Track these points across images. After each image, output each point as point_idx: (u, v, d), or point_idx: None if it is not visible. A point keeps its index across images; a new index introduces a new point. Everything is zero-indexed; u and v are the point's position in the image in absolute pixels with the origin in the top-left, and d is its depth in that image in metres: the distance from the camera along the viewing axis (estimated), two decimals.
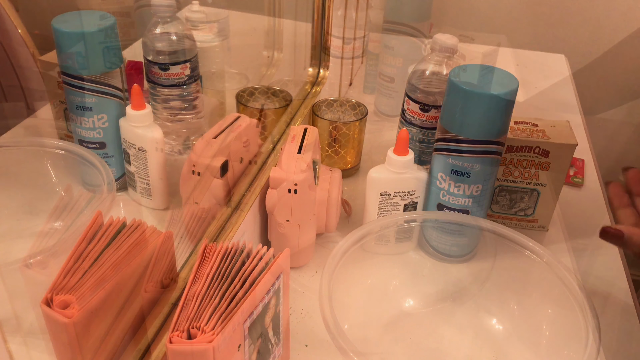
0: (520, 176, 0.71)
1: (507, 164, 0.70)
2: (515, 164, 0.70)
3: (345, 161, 0.82)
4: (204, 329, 0.40)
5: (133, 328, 0.47)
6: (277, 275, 0.47)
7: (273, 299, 0.47)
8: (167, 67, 0.68)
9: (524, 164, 0.70)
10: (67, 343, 0.41)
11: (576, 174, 0.88)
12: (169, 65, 0.69)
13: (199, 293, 0.43)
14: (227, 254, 0.47)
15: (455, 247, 0.66)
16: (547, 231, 0.74)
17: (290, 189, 0.61)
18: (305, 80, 0.87)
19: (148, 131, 0.61)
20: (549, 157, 0.69)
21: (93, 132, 0.62)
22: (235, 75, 0.90)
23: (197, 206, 0.63)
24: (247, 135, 0.66)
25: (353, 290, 0.59)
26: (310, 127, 0.67)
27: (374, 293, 0.63)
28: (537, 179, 0.71)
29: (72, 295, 0.41)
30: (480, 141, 0.61)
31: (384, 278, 0.65)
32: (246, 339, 0.44)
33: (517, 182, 0.71)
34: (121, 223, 0.48)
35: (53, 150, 0.63)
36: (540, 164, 0.70)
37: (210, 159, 0.61)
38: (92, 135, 0.62)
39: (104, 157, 0.63)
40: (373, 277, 0.63)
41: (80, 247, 0.45)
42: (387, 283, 0.64)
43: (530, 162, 0.70)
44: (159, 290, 0.49)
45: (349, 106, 0.84)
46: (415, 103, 0.71)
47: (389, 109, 0.97)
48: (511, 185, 0.72)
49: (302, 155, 0.62)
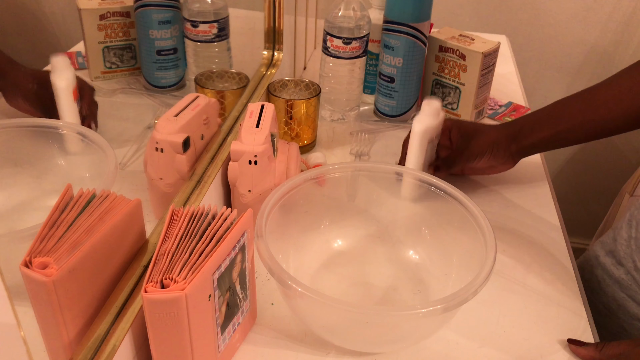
0: (449, 74, 0.96)
1: (440, 62, 0.96)
2: (445, 63, 0.96)
3: (301, 138, 0.86)
4: (176, 280, 0.44)
5: (109, 290, 0.50)
6: (242, 232, 0.51)
7: (239, 255, 0.51)
8: (197, 25, 0.79)
9: (450, 64, 0.95)
10: (48, 303, 0.44)
11: (512, 116, 1.02)
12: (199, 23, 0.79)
13: (170, 250, 0.47)
14: (194, 216, 0.51)
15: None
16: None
17: (251, 161, 0.65)
18: (260, 62, 0.91)
19: None
20: (465, 61, 0.93)
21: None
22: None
23: (161, 182, 0.66)
24: (207, 113, 0.69)
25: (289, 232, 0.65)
26: (267, 104, 0.71)
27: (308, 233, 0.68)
28: (459, 78, 0.95)
29: (49, 257, 0.44)
30: (399, 23, 0.89)
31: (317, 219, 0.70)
32: (215, 290, 0.48)
33: (446, 79, 0.97)
34: (91, 194, 0.51)
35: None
36: (461, 65, 0.93)
37: (172, 136, 0.64)
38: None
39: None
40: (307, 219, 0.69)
41: (54, 217, 0.48)
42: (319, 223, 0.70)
43: (454, 63, 0.94)
44: (131, 253, 0.53)
45: (304, 86, 0.88)
46: (338, 38, 0.89)
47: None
48: (443, 80, 0.97)
49: (260, 129, 0.66)
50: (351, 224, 0.70)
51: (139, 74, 0.82)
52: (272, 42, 0.91)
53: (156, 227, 0.58)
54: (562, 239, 0.74)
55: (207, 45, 0.82)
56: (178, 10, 0.78)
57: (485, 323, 0.62)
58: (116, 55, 0.80)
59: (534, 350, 0.59)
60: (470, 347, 0.59)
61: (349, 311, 0.50)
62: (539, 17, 1.50)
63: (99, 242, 0.47)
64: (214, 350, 0.52)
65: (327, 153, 0.88)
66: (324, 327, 0.57)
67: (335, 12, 0.89)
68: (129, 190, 0.67)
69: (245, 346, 0.58)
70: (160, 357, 0.48)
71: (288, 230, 0.64)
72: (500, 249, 0.72)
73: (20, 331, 0.38)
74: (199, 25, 0.80)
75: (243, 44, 0.93)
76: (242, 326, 0.56)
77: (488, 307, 0.64)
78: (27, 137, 0.65)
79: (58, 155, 0.68)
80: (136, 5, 0.76)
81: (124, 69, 0.82)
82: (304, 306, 0.55)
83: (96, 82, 0.80)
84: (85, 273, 0.46)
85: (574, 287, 0.67)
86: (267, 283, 0.65)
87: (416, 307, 0.49)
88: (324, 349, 0.58)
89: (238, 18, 0.87)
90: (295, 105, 0.83)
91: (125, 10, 0.77)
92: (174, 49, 0.80)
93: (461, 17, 1.54)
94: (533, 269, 0.70)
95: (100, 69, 0.80)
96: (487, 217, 0.59)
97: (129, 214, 0.50)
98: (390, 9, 0.90)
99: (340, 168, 0.67)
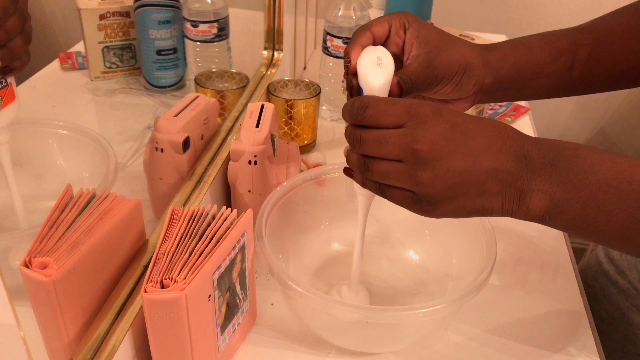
0: None
1: None
2: None
3: (301, 138, 0.86)
4: (176, 280, 0.44)
5: (109, 290, 0.50)
6: (242, 232, 0.51)
7: (239, 255, 0.51)
8: (197, 24, 0.80)
9: None
10: (47, 303, 0.44)
11: (512, 116, 1.00)
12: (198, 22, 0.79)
13: (170, 250, 0.47)
14: (194, 216, 0.51)
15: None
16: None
17: (251, 161, 0.65)
18: (260, 62, 0.91)
19: None
20: None
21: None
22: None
23: (161, 182, 0.66)
24: (207, 113, 0.69)
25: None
26: (267, 104, 0.71)
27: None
28: None
29: (49, 257, 0.44)
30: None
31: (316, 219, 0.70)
32: (215, 290, 0.48)
33: None
34: (91, 194, 0.51)
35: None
36: None
37: (172, 136, 0.64)
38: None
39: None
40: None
41: (53, 217, 0.48)
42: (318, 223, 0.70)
43: None
44: (131, 254, 0.53)
45: (304, 86, 0.88)
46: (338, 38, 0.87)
47: None
48: None
49: (260, 129, 0.66)
50: (351, 224, 0.70)
51: (139, 74, 0.82)
52: (272, 42, 0.90)
53: (156, 227, 0.58)
54: (562, 239, 0.74)
55: (207, 45, 0.82)
56: (178, 10, 0.78)
57: (485, 323, 0.62)
58: (116, 55, 0.80)
59: (534, 350, 0.59)
60: (470, 347, 0.59)
61: (349, 311, 0.50)
62: (539, 17, 1.50)
63: (98, 242, 0.47)
64: (214, 351, 0.52)
65: (327, 153, 0.88)
66: (324, 327, 0.57)
67: (335, 12, 0.89)
68: (129, 190, 0.67)
69: (245, 346, 0.58)
70: (160, 357, 0.48)
71: (288, 230, 0.64)
72: (500, 249, 0.72)
73: (20, 331, 0.38)
74: (199, 25, 0.80)
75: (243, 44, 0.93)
76: (242, 326, 0.56)
77: (488, 307, 0.64)
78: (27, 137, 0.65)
79: (58, 155, 0.68)
80: (136, 5, 0.76)
81: (124, 69, 0.82)
82: (304, 306, 0.55)
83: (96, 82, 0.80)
84: (85, 273, 0.46)
85: (574, 287, 0.67)
86: (267, 283, 0.65)
87: (416, 307, 0.49)
88: (324, 349, 0.58)
89: (238, 18, 0.87)
90: (295, 105, 0.83)
91: (125, 10, 0.77)
92: (174, 49, 0.80)
93: (461, 16, 1.54)
94: (533, 269, 0.70)
95: (100, 69, 0.80)
96: (487, 217, 0.59)
97: (128, 214, 0.50)
98: (391, 9, 0.90)
99: (340, 168, 0.67)
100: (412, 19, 0.51)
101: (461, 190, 0.42)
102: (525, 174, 0.42)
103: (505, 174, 0.42)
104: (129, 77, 0.82)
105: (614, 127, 1.61)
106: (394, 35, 0.51)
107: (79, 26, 0.76)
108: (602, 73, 0.58)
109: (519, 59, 0.55)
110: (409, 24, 0.51)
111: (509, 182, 0.42)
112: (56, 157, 0.68)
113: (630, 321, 0.71)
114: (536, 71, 0.56)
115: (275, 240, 0.59)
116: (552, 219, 0.43)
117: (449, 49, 0.52)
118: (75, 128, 0.65)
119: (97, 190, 0.51)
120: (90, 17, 0.76)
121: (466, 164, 0.41)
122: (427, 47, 0.51)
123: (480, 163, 0.41)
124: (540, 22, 1.51)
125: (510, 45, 0.56)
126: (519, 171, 0.42)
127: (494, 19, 1.53)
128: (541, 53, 0.56)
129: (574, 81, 0.58)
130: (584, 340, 0.60)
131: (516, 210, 0.43)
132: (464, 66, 0.52)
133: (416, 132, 0.41)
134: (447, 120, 0.42)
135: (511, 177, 0.42)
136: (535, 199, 0.42)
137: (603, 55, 0.57)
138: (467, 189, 0.42)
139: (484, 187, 0.42)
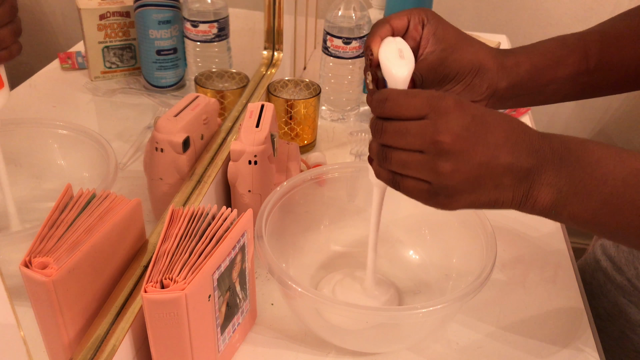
0: None
1: None
2: None
3: (301, 138, 0.86)
4: (176, 280, 0.44)
5: (109, 290, 0.50)
6: (242, 232, 0.51)
7: (239, 255, 0.51)
8: (197, 24, 0.79)
9: None
10: (47, 303, 0.44)
11: (512, 115, 0.99)
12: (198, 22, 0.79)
13: (170, 250, 0.47)
14: (194, 216, 0.51)
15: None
16: None
17: (250, 161, 0.65)
18: (260, 62, 0.91)
19: None
20: None
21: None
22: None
23: (161, 182, 0.66)
24: (207, 113, 0.69)
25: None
26: (267, 103, 0.71)
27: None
28: None
29: (49, 257, 0.44)
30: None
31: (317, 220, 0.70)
32: (215, 290, 0.48)
33: None
34: (91, 194, 0.51)
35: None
36: None
37: (172, 136, 0.64)
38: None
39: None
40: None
41: (54, 217, 0.48)
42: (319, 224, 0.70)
43: None
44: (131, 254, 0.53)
45: (304, 86, 0.88)
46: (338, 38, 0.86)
47: None
48: None
49: (260, 129, 0.66)
50: (351, 224, 0.70)
51: (139, 74, 0.82)
52: (272, 42, 0.91)
53: (156, 227, 0.58)
54: (562, 239, 0.74)
55: (207, 45, 0.82)
56: (178, 10, 0.78)
57: (485, 323, 0.62)
58: (116, 55, 0.80)
59: (534, 350, 0.59)
60: (470, 347, 0.59)
61: (349, 311, 0.50)
62: (539, 17, 1.50)
63: (98, 242, 0.47)
64: (214, 351, 0.52)
65: (327, 153, 0.88)
66: (324, 327, 0.57)
67: (335, 12, 0.89)
68: (129, 190, 0.67)
69: (245, 346, 0.58)
70: (160, 357, 0.48)
71: (288, 230, 0.64)
72: (500, 249, 0.72)
73: (20, 331, 0.38)
74: (199, 25, 0.80)
75: (243, 44, 0.93)
76: (242, 326, 0.56)
77: (488, 307, 0.64)
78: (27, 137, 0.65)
79: (58, 155, 0.68)
80: (136, 5, 0.76)
81: (124, 69, 0.82)
82: (304, 306, 0.55)
83: (96, 82, 0.80)
84: (85, 273, 0.46)
85: (574, 287, 0.67)
86: (267, 283, 0.65)
87: (416, 307, 0.49)
88: (324, 349, 0.58)
89: (238, 18, 0.87)
90: (295, 105, 0.83)
91: (125, 10, 0.77)
92: (174, 49, 0.80)
93: (461, 16, 1.54)
94: (533, 269, 0.70)
95: (100, 69, 0.80)
96: (487, 217, 0.59)
97: (128, 214, 0.50)
98: (391, 9, 0.90)
99: (340, 168, 0.67)
100: (431, 15, 0.52)
101: (479, 183, 0.42)
102: (537, 169, 0.43)
103: (520, 168, 0.42)
104: (129, 77, 0.82)
105: (614, 127, 1.61)
106: (412, 29, 0.51)
107: (79, 26, 0.76)
108: (612, 77, 0.59)
109: (535, 65, 0.56)
110: (428, 20, 0.51)
111: (522, 176, 0.43)
112: (56, 157, 0.68)
113: (627, 317, 0.71)
114: (550, 76, 0.57)
115: (275, 240, 0.59)
116: (557, 212, 0.44)
117: (464, 49, 0.52)
118: (75, 128, 0.65)
119: (97, 190, 0.51)
120: (90, 17, 0.76)
121: (486, 157, 0.42)
122: (442, 45, 0.51)
123: (499, 157, 0.42)
124: (540, 22, 1.51)
125: (525, 50, 0.57)
126: (531, 165, 0.43)
127: (494, 19, 1.53)
128: (555, 58, 0.57)
129: (586, 85, 0.58)
130: (584, 339, 0.60)
131: (524, 203, 0.44)
132: (477, 67, 0.52)
133: (438, 123, 0.41)
134: (469, 112, 0.42)
135: (524, 172, 0.43)
136: (542, 192, 0.43)
137: (613, 59, 0.58)
138: (484, 182, 0.42)
139: (500, 180, 0.43)
